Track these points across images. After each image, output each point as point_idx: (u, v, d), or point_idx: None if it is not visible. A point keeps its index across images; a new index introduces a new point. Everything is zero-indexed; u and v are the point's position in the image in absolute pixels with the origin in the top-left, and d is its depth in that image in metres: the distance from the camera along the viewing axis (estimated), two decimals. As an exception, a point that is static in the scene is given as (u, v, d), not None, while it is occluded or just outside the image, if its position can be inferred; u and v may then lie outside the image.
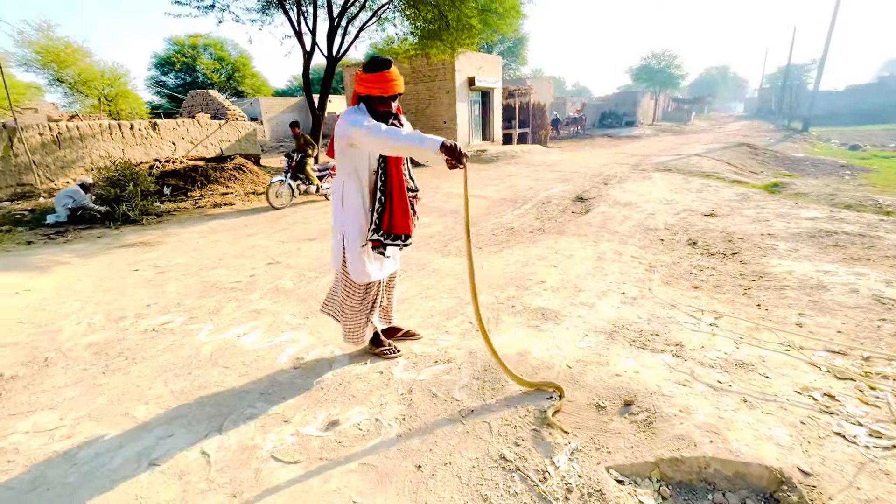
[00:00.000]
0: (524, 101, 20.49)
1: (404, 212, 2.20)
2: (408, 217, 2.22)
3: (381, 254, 2.27)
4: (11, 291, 4.15)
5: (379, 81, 2.01)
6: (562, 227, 5.93)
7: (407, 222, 2.22)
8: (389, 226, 2.19)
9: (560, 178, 10.39)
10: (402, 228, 2.22)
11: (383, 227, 2.19)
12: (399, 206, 2.19)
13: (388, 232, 2.21)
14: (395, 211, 2.18)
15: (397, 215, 2.19)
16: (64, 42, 16.99)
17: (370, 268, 2.26)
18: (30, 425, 2.24)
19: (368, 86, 2.03)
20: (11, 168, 9.07)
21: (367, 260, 2.25)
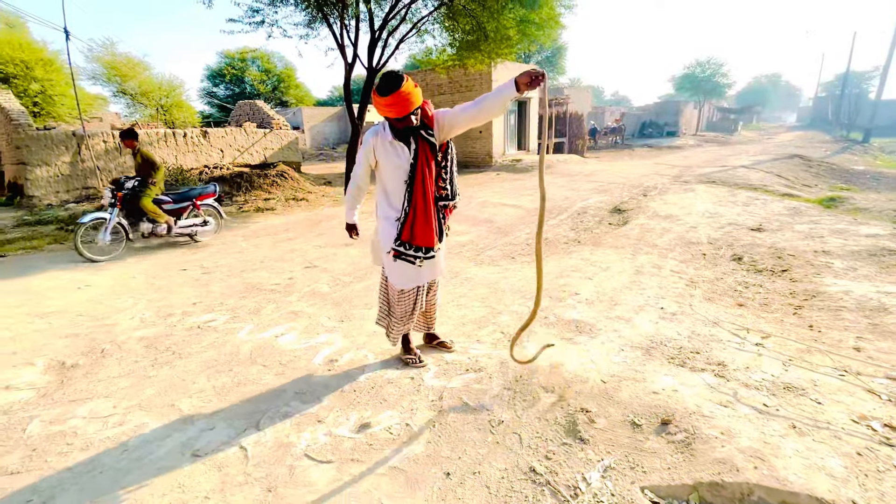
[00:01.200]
0: (561, 111, 20.29)
1: (426, 224, 2.20)
2: (429, 229, 2.22)
3: (409, 262, 2.27)
4: (74, 286, 4.48)
5: (389, 104, 2.00)
6: (598, 238, 5.81)
7: (429, 235, 2.22)
8: (410, 236, 2.21)
9: (597, 189, 10.19)
10: (422, 240, 2.22)
11: (403, 236, 2.22)
12: (421, 219, 2.20)
13: (408, 242, 2.22)
14: (417, 223, 2.19)
15: (418, 227, 2.20)
16: (127, 57, 18.33)
17: (405, 275, 2.30)
18: (87, 411, 2.41)
19: (382, 108, 2.04)
20: (78, 172, 9.83)
21: (403, 268, 2.29)
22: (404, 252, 2.24)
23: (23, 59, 14.54)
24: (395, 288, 2.35)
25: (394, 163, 2.19)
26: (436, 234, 2.25)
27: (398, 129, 2.14)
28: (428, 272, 2.36)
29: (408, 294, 2.36)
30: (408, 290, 2.35)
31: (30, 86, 14.45)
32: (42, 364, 2.96)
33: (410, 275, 2.31)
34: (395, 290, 2.36)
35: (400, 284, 2.32)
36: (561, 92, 25.56)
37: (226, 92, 32.24)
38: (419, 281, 2.34)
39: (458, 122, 2.15)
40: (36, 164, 9.25)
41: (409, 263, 2.27)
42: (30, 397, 2.60)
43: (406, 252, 2.23)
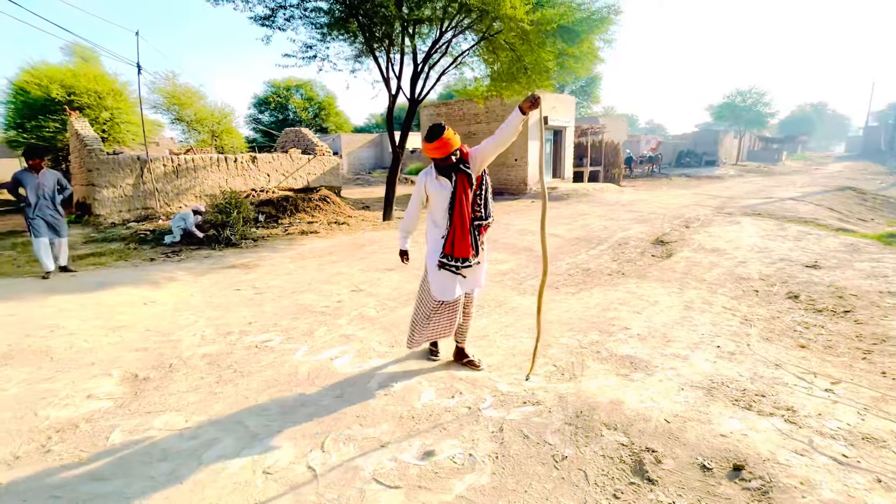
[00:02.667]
0: (597, 140, 20.31)
1: (463, 239, 2.71)
2: (466, 243, 2.72)
3: (454, 272, 2.75)
4: (140, 302, 4.78)
5: (435, 148, 2.58)
6: (642, 270, 5.72)
7: (465, 248, 2.72)
8: (451, 249, 2.72)
9: (636, 219, 10.07)
10: (460, 252, 2.72)
11: (446, 250, 2.73)
12: (459, 235, 2.70)
13: (450, 255, 2.73)
14: (456, 239, 2.71)
15: (457, 242, 2.71)
16: (185, 87, 19.78)
17: (444, 287, 2.77)
18: (162, 423, 2.55)
19: (429, 151, 2.62)
20: (139, 193, 10.56)
21: (444, 280, 2.76)
22: (447, 263, 2.73)
23: (96, 90, 15.93)
24: (434, 298, 2.80)
25: (440, 194, 2.74)
26: (472, 247, 2.74)
27: (441, 167, 2.71)
28: (466, 283, 2.83)
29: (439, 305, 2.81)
30: (441, 300, 2.79)
31: (101, 114, 15.74)
32: (118, 375, 3.17)
33: (449, 287, 2.77)
34: (433, 300, 2.81)
35: (438, 296, 2.78)
36: (596, 121, 25.62)
37: (270, 118, 34.06)
38: (454, 294, 2.78)
39: (486, 153, 2.71)
40: (104, 186, 10.01)
41: (451, 273, 2.75)
42: (109, 407, 2.78)
43: (449, 263, 2.73)
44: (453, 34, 10.91)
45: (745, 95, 32.55)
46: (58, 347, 3.61)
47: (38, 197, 5.13)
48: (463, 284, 2.81)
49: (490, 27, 10.08)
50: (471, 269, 2.79)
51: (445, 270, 2.74)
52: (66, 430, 2.55)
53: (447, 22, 10.26)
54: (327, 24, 9.92)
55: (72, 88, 15.65)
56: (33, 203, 5.12)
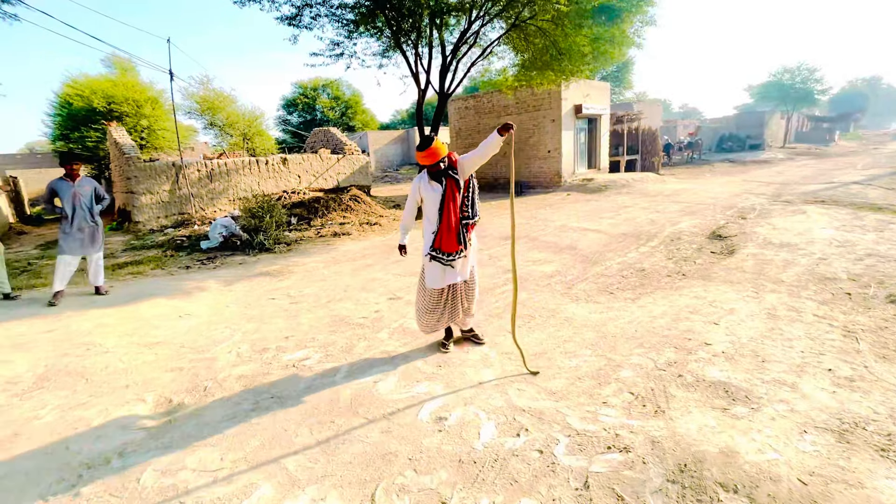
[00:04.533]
0: (633, 127, 19.34)
1: (450, 236, 3.07)
2: (452, 239, 3.08)
3: (443, 264, 3.14)
4: (176, 315, 4.65)
5: (425, 156, 3.00)
6: (705, 271, 5.18)
7: (452, 243, 3.08)
8: (440, 244, 3.10)
9: (684, 211, 9.37)
10: (447, 247, 3.09)
11: (435, 245, 3.12)
12: (446, 234, 3.07)
13: (439, 248, 3.11)
14: (444, 235, 3.08)
15: (444, 238, 3.08)
16: (217, 92, 20.08)
17: (436, 277, 3.17)
18: (196, 461, 2.32)
19: (421, 159, 3.03)
20: (176, 199, 10.67)
21: (435, 271, 3.17)
22: (436, 255, 3.13)
23: (134, 99, 16.35)
24: (428, 287, 3.22)
25: (431, 196, 3.12)
26: (458, 242, 3.10)
27: (432, 173, 3.11)
28: (453, 274, 3.18)
29: (435, 292, 3.21)
30: (436, 289, 3.20)
31: (139, 122, 16.14)
32: (151, 400, 2.98)
33: (439, 277, 3.17)
34: (427, 289, 3.23)
35: (431, 285, 3.19)
36: (631, 107, 24.49)
37: (298, 119, 34.41)
38: (445, 283, 3.18)
39: (470, 163, 3.08)
40: (142, 193, 10.15)
41: (440, 264, 3.15)
42: (142, 438, 2.58)
43: (437, 256, 3.13)
44: (482, 24, 10.45)
45: (793, 73, 30.36)
46: (93, 368, 3.48)
47: (74, 207, 5.06)
48: (452, 275, 3.18)
49: (522, 13, 9.57)
50: (458, 262, 3.15)
51: (435, 262, 3.14)
52: (97, 465, 2.36)
53: (476, 10, 9.81)
54: (353, 20, 9.66)
55: (111, 98, 16.10)
56: (70, 215, 5.05)
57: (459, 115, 18.05)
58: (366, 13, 9.32)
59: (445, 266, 3.13)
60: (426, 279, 3.21)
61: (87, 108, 15.79)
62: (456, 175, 3.07)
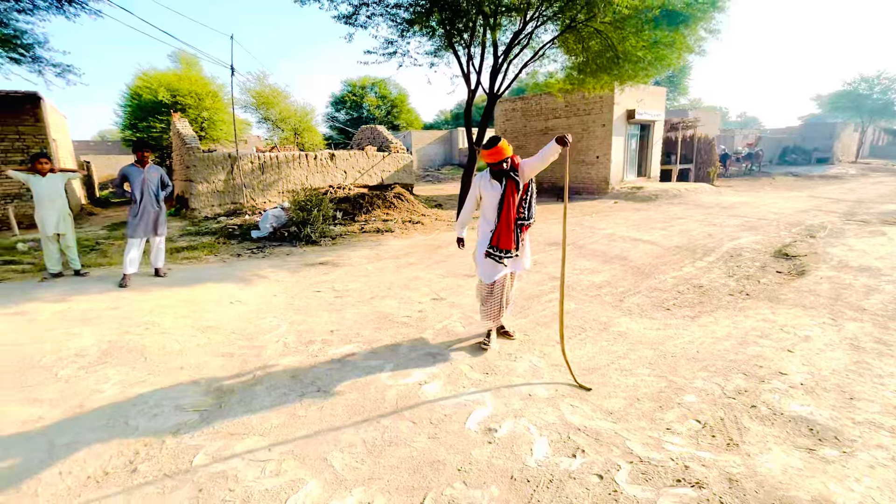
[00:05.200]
0: (688, 135, 18.46)
1: (508, 235, 3.19)
2: (510, 238, 3.20)
3: (497, 261, 3.26)
4: (227, 301, 4.79)
5: (490, 155, 3.07)
6: (772, 292, 4.80)
7: (508, 242, 3.20)
8: (497, 242, 3.22)
9: (744, 226, 8.80)
10: (504, 245, 3.21)
11: (492, 242, 3.24)
12: (504, 231, 3.19)
13: (496, 246, 3.23)
14: (502, 234, 3.20)
15: (503, 236, 3.20)
16: (272, 88, 20.86)
17: (489, 272, 3.30)
18: (244, 448, 2.34)
19: (485, 157, 3.11)
20: (230, 189, 11.13)
21: (488, 267, 3.31)
22: (493, 253, 3.25)
23: (196, 92, 17.25)
24: (483, 282, 3.39)
25: (491, 195, 3.24)
26: (514, 242, 3.22)
27: (494, 172, 3.23)
28: (508, 267, 3.32)
29: (490, 286, 3.36)
30: (490, 283, 3.34)
31: (200, 114, 17.00)
32: (203, 384, 3.06)
33: (492, 272, 3.29)
34: (483, 283, 3.40)
35: (484, 279, 3.35)
36: (686, 114, 23.40)
37: (346, 117, 35.24)
38: (495, 276, 3.29)
39: (531, 168, 3.14)
40: (199, 182, 10.66)
41: (494, 262, 3.27)
42: (194, 420, 2.63)
43: (494, 253, 3.25)
44: (536, 25, 10.24)
45: (871, 83, 28.01)
46: (152, 347, 3.62)
47: (142, 192, 5.34)
48: (501, 269, 3.30)
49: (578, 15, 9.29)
50: (511, 260, 3.29)
51: (490, 259, 3.27)
52: (153, 444, 2.42)
53: (531, 11, 9.62)
54: (408, 19, 9.72)
55: (176, 91, 17.06)
56: (138, 199, 5.34)
57: (506, 116, 17.85)
58: (422, 12, 9.35)
59: (498, 263, 3.27)
60: (480, 273, 3.38)
61: (153, 100, 16.82)
62: (517, 177, 3.17)
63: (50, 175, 5.38)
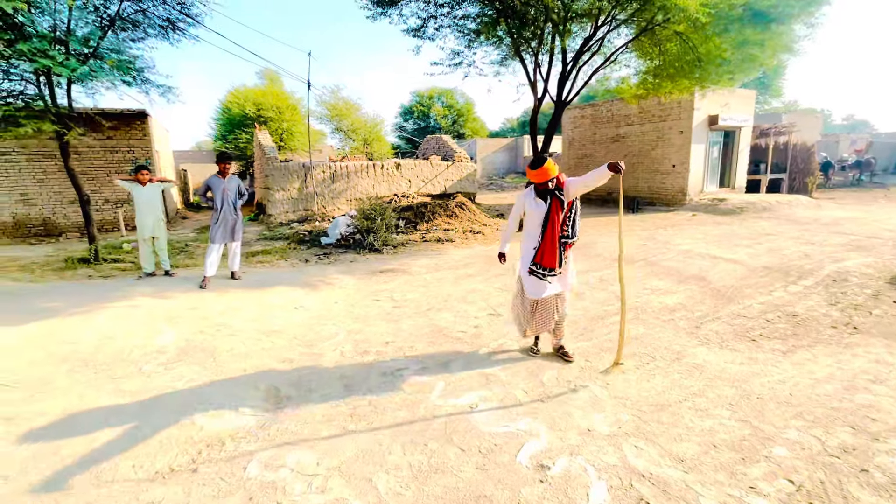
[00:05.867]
0: (781, 141, 16.67)
1: (552, 253, 3.22)
2: (554, 256, 3.22)
3: (540, 278, 3.29)
4: (291, 305, 5.02)
5: (536, 174, 3.13)
6: (889, 327, 4.10)
7: (553, 260, 3.22)
8: (541, 259, 3.25)
9: (851, 245, 7.69)
10: (548, 263, 3.24)
11: (536, 259, 3.28)
12: (549, 250, 3.22)
13: (539, 264, 3.27)
14: (546, 251, 3.23)
15: (546, 254, 3.23)
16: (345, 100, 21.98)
17: (535, 288, 3.32)
18: (295, 461, 2.37)
19: (532, 176, 3.18)
20: (303, 197, 11.80)
21: (533, 283, 3.32)
22: (536, 270, 3.29)
23: (277, 106, 18.62)
24: (528, 297, 3.38)
25: (535, 212, 3.28)
26: (557, 260, 3.23)
27: (539, 190, 3.27)
28: (552, 287, 3.32)
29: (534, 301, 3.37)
30: (535, 298, 3.34)
31: (281, 126, 18.31)
32: (263, 389, 3.18)
33: (538, 288, 3.31)
34: (528, 298, 3.39)
35: (532, 295, 3.34)
36: (779, 118, 21.18)
37: (413, 126, 36.21)
38: (543, 293, 3.29)
39: (576, 188, 3.16)
40: (276, 189, 11.41)
41: (538, 279, 3.29)
42: (251, 425, 2.74)
43: (537, 270, 3.28)
44: (608, 29, 9.80)
45: None
46: (221, 348, 3.86)
47: (223, 201, 5.79)
48: (550, 288, 3.31)
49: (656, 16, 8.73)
50: (555, 277, 3.29)
51: (534, 277, 3.30)
52: (213, 445, 2.54)
53: (603, 16, 9.22)
54: (475, 29, 9.75)
55: (260, 105, 18.54)
56: (219, 207, 5.79)
57: (574, 124, 17.29)
58: (489, 22, 9.33)
59: (542, 280, 3.29)
60: (527, 289, 3.38)
61: (241, 113, 18.40)
62: (561, 196, 3.21)
63: (149, 185, 6.00)
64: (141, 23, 7.06)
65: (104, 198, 10.78)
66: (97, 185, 10.60)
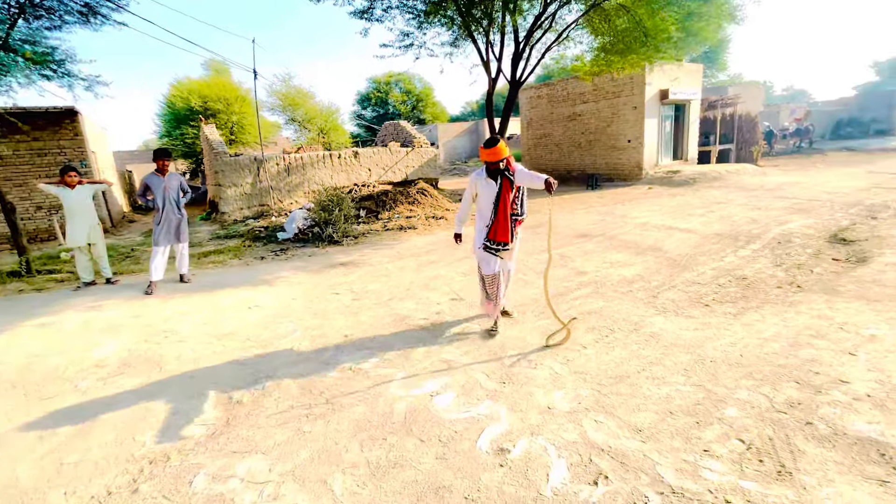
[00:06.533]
0: (728, 113, 17.32)
1: (504, 229, 3.42)
2: (506, 232, 3.43)
3: (493, 254, 3.49)
4: (245, 305, 4.78)
5: (489, 154, 3.32)
6: (828, 282, 4.31)
7: (505, 235, 3.43)
8: (494, 236, 3.45)
9: (793, 208, 8.09)
10: (500, 238, 3.44)
11: (489, 236, 3.47)
12: (501, 226, 3.42)
13: (493, 240, 3.46)
14: (499, 228, 3.43)
15: (499, 231, 3.43)
16: (297, 89, 21.12)
17: (489, 263, 3.52)
18: (245, 470, 2.24)
19: (484, 156, 3.35)
20: (257, 192, 11.31)
21: (484, 256, 3.53)
22: (490, 246, 3.48)
23: (225, 98, 17.68)
24: (486, 275, 3.57)
25: (487, 192, 3.46)
26: (509, 235, 3.45)
27: (491, 171, 3.43)
28: (504, 260, 3.57)
29: (492, 277, 3.54)
30: (491, 273, 3.53)
31: (230, 118, 17.41)
32: (213, 396, 3.00)
33: (491, 263, 3.51)
34: (486, 276, 3.57)
35: (486, 270, 3.55)
36: (725, 91, 21.98)
37: (372, 113, 35.37)
38: (496, 268, 3.52)
39: (521, 179, 3.36)
40: (228, 186, 10.87)
41: (491, 255, 3.50)
42: (201, 435, 2.57)
43: (491, 246, 3.48)
44: (559, 5, 9.75)
45: (938, 43, 25.28)
46: (168, 356, 3.62)
47: (164, 200, 5.42)
48: (500, 263, 3.55)
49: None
50: (506, 252, 3.53)
51: (487, 252, 3.49)
52: (158, 461, 2.37)
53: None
54: (424, 10, 9.48)
55: (206, 98, 17.53)
56: (161, 207, 5.42)
57: (531, 104, 17.32)
58: (437, 2, 9.09)
59: (495, 256, 3.49)
60: (482, 268, 3.59)
61: (186, 107, 17.35)
62: (511, 177, 3.39)
63: (79, 188, 5.54)
64: (56, 9, 6.43)
65: (35, 205, 9.96)
66: (26, 192, 9.76)
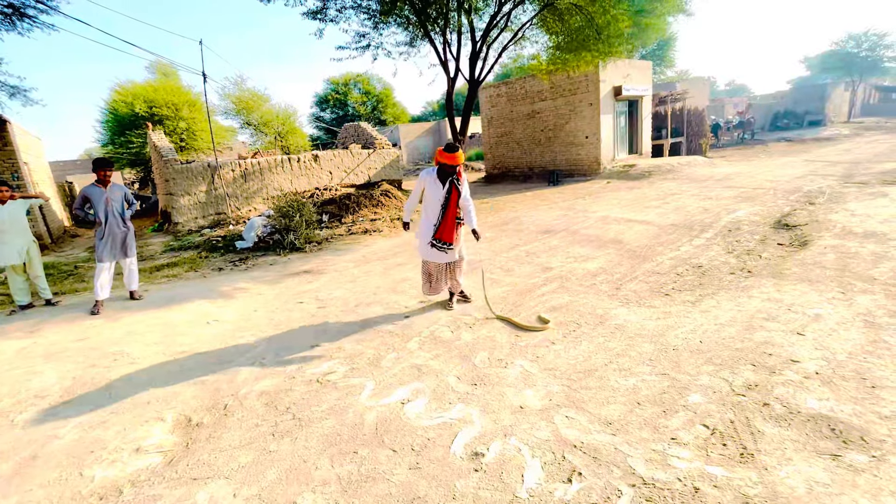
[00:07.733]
0: (677, 108, 18.11)
1: (449, 230, 3.84)
2: (451, 233, 3.85)
3: (439, 250, 3.94)
4: (203, 321, 4.54)
5: (449, 158, 3.67)
6: (775, 267, 4.56)
7: (450, 236, 3.87)
8: (441, 235, 3.85)
9: (741, 197, 8.55)
10: (447, 238, 3.87)
11: (436, 235, 3.87)
12: (448, 228, 3.83)
13: (439, 239, 3.87)
14: (445, 229, 3.83)
15: (445, 231, 3.84)
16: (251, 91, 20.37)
17: (430, 254, 3.98)
18: (206, 498, 2.10)
19: (443, 158, 3.70)
20: (212, 200, 10.83)
21: (430, 250, 3.96)
22: (436, 244, 3.90)
23: (174, 102, 16.82)
24: (427, 261, 4.06)
25: (435, 194, 3.81)
26: (454, 236, 3.86)
27: (443, 174, 3.76)
28: (448, 256, 3.98)
29: (436, 265, 4.05)
30: (436, 263, 4.03)
31: (178, 124, 16.58)
32: (171, 419, 2.82)
33: (434, 255, 3.96)
34: (427, 262, 4.07)
35: (429, 259, 4.02)
36: (674, 86, 23.00)
37: (331, 115, 34.67)
38: (442, 259, 3.99)
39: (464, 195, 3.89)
40: (180, 195, 10.35)
41: (437, 251, 3.93)
42: (157, 464, 2.40)
43: (437, 244, 3.90)
44: (513, 5, 9.88)
45: (859, 40, 27.55)
46: (118, 380, 3.38)
47: (106, 213, 5.06)
48: (445, 256, 3.97)
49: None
50: (452, 249, 3.94)
51: (434, 249, 3.92)
52: (108, 496, 2.19)
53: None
54: (379, 10, 9.36)
55: (152, 103, 16.61)
56: (103, 220, 5.06)
57: (491, 102, 17.48)
58: (390, 1, 8.99)
59: (440, 252, 3.94)
60: (425, 256, 4.02)
61: (130, 113, 16.39)
62: (459, 186, 3.75)
63: (10, 203, 5.09)
64: (-27, 10, 5.89)
65: (-39, 223, 9.11)
66: (-51, 209, 8.92)
